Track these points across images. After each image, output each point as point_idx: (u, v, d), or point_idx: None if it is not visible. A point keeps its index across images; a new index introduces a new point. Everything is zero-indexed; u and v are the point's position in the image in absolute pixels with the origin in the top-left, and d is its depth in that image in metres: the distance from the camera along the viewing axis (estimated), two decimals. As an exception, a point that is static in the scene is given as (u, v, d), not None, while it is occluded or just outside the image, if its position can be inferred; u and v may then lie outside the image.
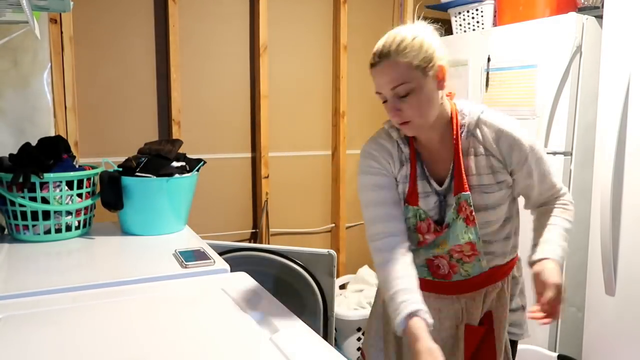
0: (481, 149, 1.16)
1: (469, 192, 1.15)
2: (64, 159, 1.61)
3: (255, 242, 2.65)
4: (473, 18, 2.52)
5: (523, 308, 1.34)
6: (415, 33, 1.11)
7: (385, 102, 1.13)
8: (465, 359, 1.26)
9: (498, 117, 1.17)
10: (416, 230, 1.22)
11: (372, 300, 1.48)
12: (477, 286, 1.25)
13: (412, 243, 1.21)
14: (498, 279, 1.26)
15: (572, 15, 1.99)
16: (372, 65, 1.12)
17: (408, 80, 1.08)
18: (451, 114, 1.18)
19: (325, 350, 0.90)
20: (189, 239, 1.63)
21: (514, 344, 1.34)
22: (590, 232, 1.90)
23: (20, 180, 1.47)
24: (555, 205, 1.24)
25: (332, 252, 2.00)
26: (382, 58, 1.09)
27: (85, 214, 1.63)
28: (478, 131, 1.17)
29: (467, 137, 1.17)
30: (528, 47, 2.13)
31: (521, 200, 1.28)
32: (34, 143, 1.64)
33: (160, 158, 1.66)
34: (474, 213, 1.15)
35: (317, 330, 1.00)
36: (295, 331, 0.96)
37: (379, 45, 1.12)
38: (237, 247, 2.19)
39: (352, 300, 2.57)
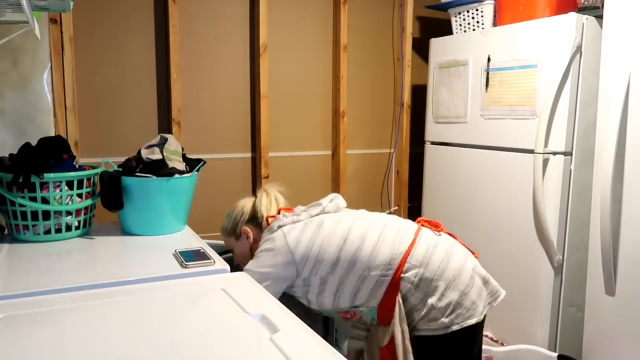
0: None
1: None
2: (64, 159, 1.61)
3: (255, 242, 2.65)
4: (473, 18, 2.52)
5: None
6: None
7: None
8: None
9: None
10: None
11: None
12: (385, 320, 1.49)
13: None
14: (392, 306, 1.45)
15: (572, 15, 1.99)
16: None
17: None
18: None
19: (325, 350, 0.90)
20: (189, 239, 1.63)
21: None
22: (590, 232, 1.90)
23: (20, 180, 1.47)
24: None
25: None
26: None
27: (85, 214, 1.63)
28: None
29: None
30: (528, 47, 2.13)
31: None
32: (34, 143, 1.64)
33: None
34: None
35: (317, 331, 0.99)
36: (295, 331, 0.96)
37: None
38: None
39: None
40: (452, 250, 1.46)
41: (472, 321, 1.40)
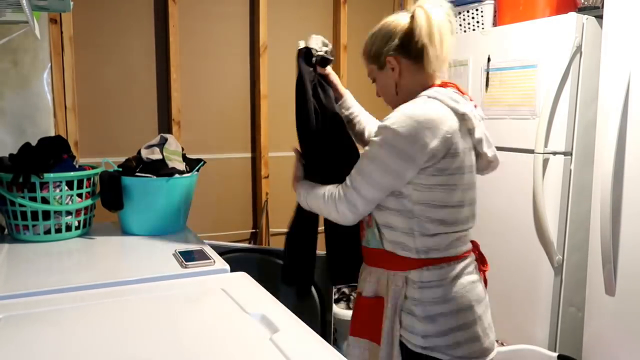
0: None
1: None
2: (64, 159, 1.61)
3: (255, 242, 2.65)
4: (473, 18, 2.52)
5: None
6: (378, 26, 1.38)
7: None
8: (352, 329, 1.38)
9: (408, 106, 1.22)
10: None
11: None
12: (373, 260, 1.35)
13: None
14: (392, 267, 1.29)
15: (572, 15, 1.99)
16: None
17: (369, 71, 1.38)
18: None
19: (325, 350, 0.90)
20: (189, 239, 1.63)
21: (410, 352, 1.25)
22: (590, 232, 1.89)
23: (20, 180, 1.48)
24: None
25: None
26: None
27: (85, 214, 1.63)
28: None
29: None
30: (528, 47, 2.13)
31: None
32: (34, 143, 1.64)
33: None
34: None
35: (316, 331, 1.00)
36: (295, 331, 0.96)
37: None
38: (236, 247, 2.19)
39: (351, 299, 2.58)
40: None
41: None
